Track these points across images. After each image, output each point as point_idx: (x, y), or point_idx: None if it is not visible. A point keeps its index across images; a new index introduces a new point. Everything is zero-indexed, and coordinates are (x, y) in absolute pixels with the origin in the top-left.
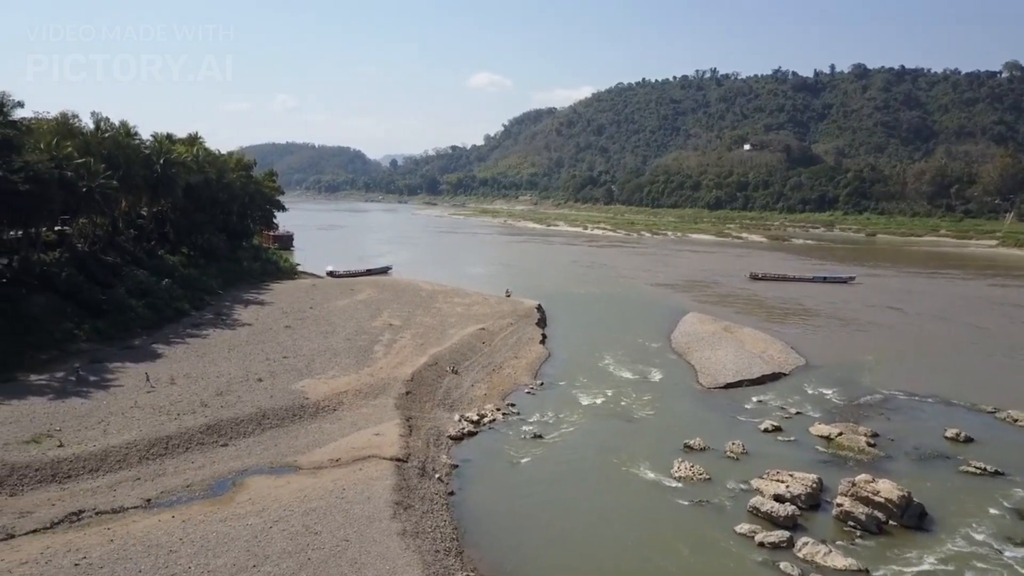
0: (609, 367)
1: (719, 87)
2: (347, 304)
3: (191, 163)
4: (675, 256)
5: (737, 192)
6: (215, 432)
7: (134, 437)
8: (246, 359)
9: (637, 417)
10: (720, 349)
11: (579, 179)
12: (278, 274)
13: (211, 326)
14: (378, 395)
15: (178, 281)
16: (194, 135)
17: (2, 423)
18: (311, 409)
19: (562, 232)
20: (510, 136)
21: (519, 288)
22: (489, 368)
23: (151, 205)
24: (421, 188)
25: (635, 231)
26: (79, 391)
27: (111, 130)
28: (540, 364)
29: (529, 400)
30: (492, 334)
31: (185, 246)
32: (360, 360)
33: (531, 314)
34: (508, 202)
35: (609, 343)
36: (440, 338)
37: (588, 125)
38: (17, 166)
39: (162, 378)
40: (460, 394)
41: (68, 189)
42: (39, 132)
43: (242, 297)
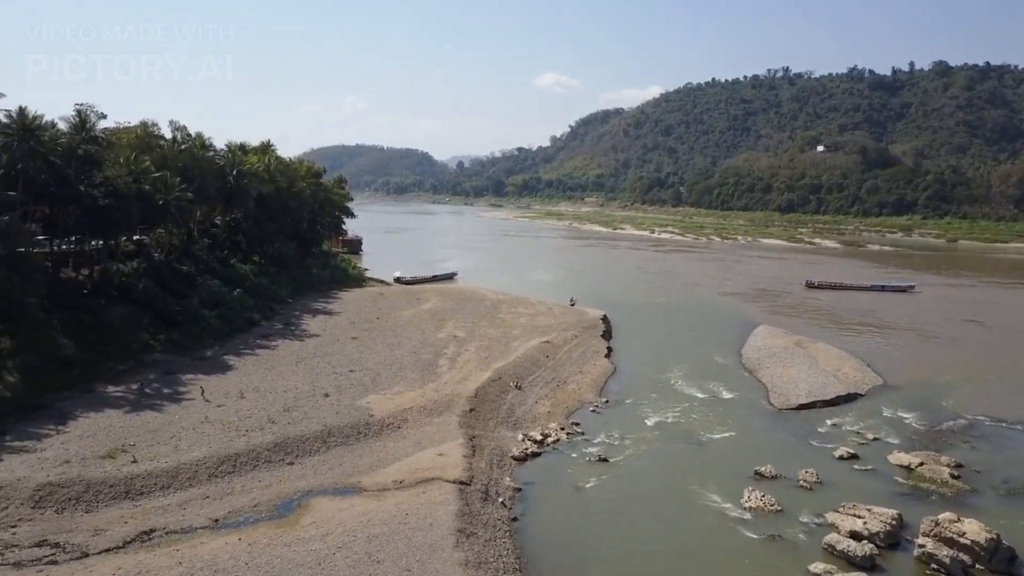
0: (677, 384)
1: (791, 86)
2: (413, 314)
3: (262, 173)
4: (745, 262)
5: (810, 195)
6: (282, 450)
7: (204, 454)
8: (313, 372)
9: (706, 439)
10: (792, 366)
11: (646, 180)
12: (346, 281)
13: (280, 336)
14: (442, 412)
15: (249, 290)
16: (266, 143)
17: (81, 437)
18: (376, 427)
19: (628, 236)
20: (576, 137)
21: (584, 296)
22: (553, 384)
23: (224, 215)
24: (487, 190)
25: (704, 235)
26: (153, 404)
27: (187, 141)
28: (605, 380)
29: (594, 419)
30: (556, 347)
31: (256, 254)
32: (425, 374)
33: (596, 325)
34: (574, 204)
35: (677, 357)
36: (504, 351)
37: (656, 126)
38: (98, 181)
39: (231, 392)
40: (524, 411)
41: (145, 202)
42: (119, 147)
43: (311, 306)
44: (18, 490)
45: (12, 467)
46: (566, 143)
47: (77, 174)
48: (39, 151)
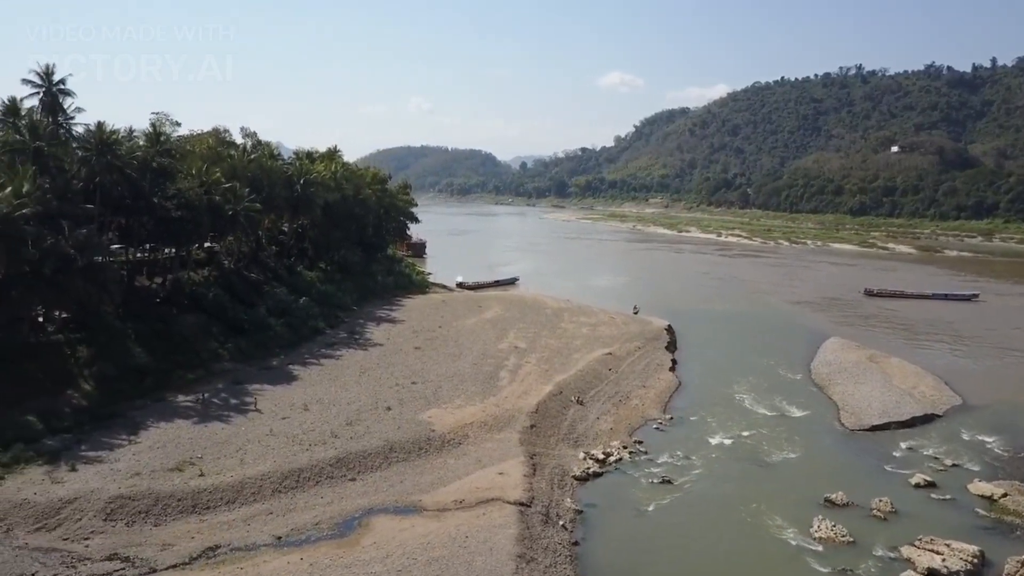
0: (744, 400)
1: (864, 84)
2: (475, 323)
3: (329, 181)
4: (814, 268)
5: (883, 197)
6: (344, 465)
7: (268, 468)
8: (376, 384)
9: (774, 462)
10: (865, 383)
11: (713, 181)
12: (410, 288)
13: (344, 346)
14: (503, 428)
15: (315, 298)
16: (333, 149)
17: (151, 448)
18: (437, 442)
19: (693, 239)
20: (641, 137)
21: (647, 304)
22: (616, 399)
23: (291, 222)
24: (550, 190)
25: (771, 239)
26: (220, 415)
27: (257, 149)
28: (670, 395)
29: (657, 437)
30: (619, 359)
31: (323, 261)
32: (486, 387)
33: (660, 336)
34: (638, 205)
35: (743, 370)
36: (565, 363)
37: (723, 125)
38: (171, 193)
39: (296, 404)
40: (585, 428)
41: (216, 213)
42: (191, 158)
43: (375, 314)
44: (91, 502)
45: (87, 478)
46: (630, 143)
47: (151, 186)
48: (116, 164)
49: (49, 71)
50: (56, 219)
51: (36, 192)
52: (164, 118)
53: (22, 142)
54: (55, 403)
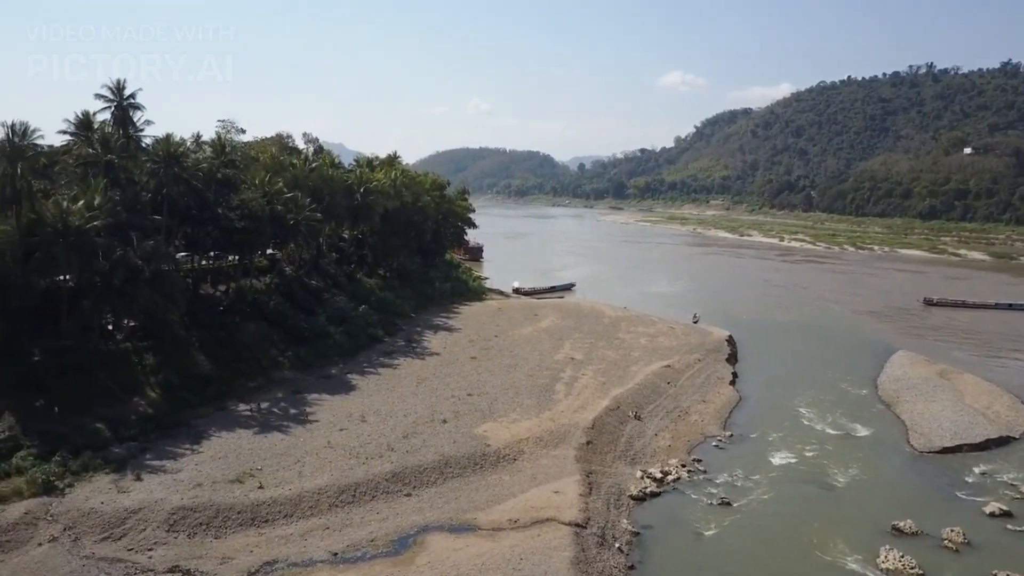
0: (807, 417)
1: (936, 83)
2: (531, 332)
3: (388, 189)
4: (881, 275)
5: (955, 201)
6: (399, 480)
7: (325, 482)
8: (432, 395)
9: (838, 484)
10: (935, 401)
11: (775, 184)
12: (467, 294)
13: (402, 354)
14: (558, 444)
15: (374, 305)
16: (392, 156)
17: (213, 458)
18: (492, 458)
19: (755, 243)
20: (702, 138)
21: (707, 313)
22: (674, 414)
23: (352, 230)
24: (608, 192)
25: (836, 244)
26: (280, 426)
27: (318, 158)
28: (730, 410)
29: (716, 455)
30: (678, 372)
31: (382, 268)
32: (541, 401)
33: (720, 347)
34: (698, 207)
35: (807, 385)
36: (623, 376)
37: (787, 126)
38: (235, 204)
39: (353, 414)
40: (643, 444)
41: (278, 222)
42: (254, 168)
43: (432, 321)
44: (155, 512)
45: (151, 487)
46: (691, 144)
47: (216, 197)
48: (182, 176)
49: (120, 86)
50: (125, 230)
51: (107, 204)
52: (229, 125)
53: (95, 155)
54: (123, 410)
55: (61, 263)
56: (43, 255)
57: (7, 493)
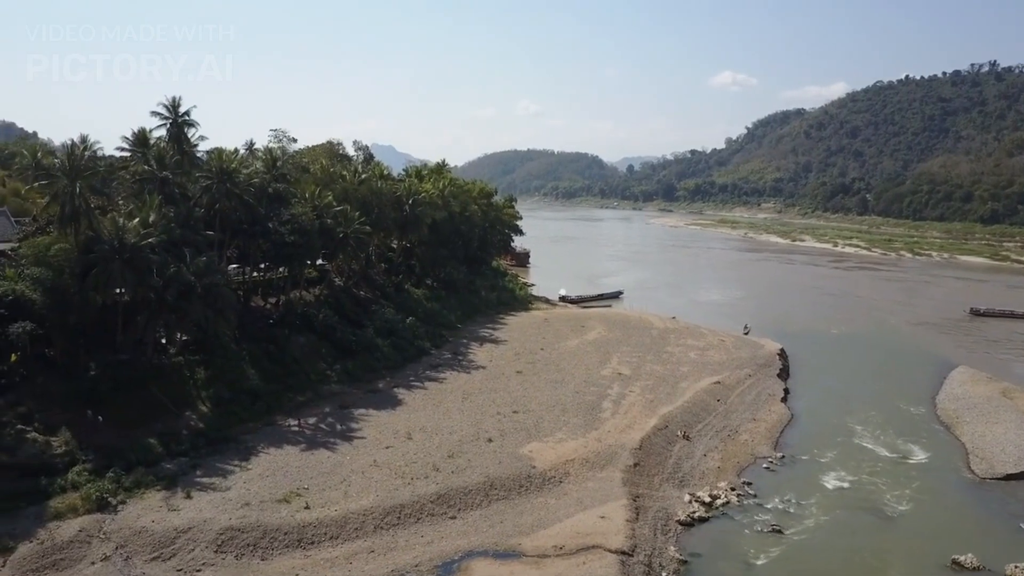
0: (861, 437)
1: (999, 82)
2: (577, 345)
3: (436, 199)
4: (939, 284)
5: (1019, 205)
6: (445, 502)
7: (371, 503)
8: (478, 411)
9: (894, 513)
10: (998, 423)
11: (829, 186)
12: (513, 303)
13: (448, 368)
14: (604, 466)
15: (421, 317)
16: (441, 164)
17: (261, 476)
18: (537, 480)
19: (808, 249)
20: (753, 139)
21: (758, 323)
22: (724, 433)
23: (400, 240)
24: (657, 194)
25: (892, 250)
26: (327, 442)
27: (368, 168)
28: (781, 429)
29: (767, 478)
30: (728, 389)
31: (429, 277)
32: (588, 420)
33: (772, 362)
34: (749, 210)
35: (861, 402)
36: (671, 393)
37: (841, 127)
38: (285, 218)
39: (400, 432)
40: (691, 466)
41: (327, 235)
42: (305, 182)
43: (478, 333)
44: (204, 532)
45: (200, 506)
46: (742, 145)
47: (267, 211)
48: (234, 192)
49: (176, 103)
50: (179, 246)
51: (161, 221)
52: (281, 135)
53: (150, 172)
54: (175, 424)
55: (117, 279)
56: (100, 272)
57: (63, 510)
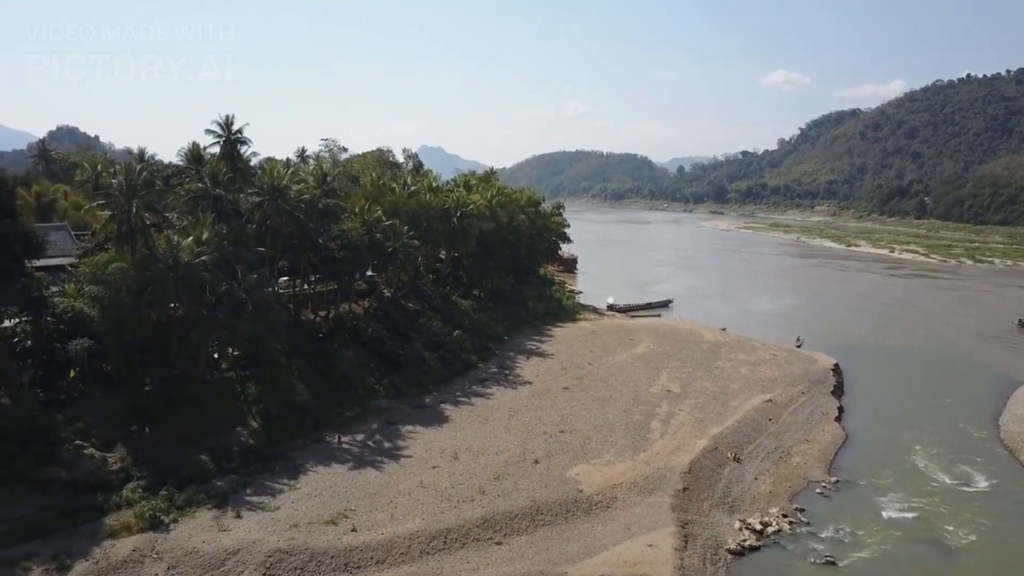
0: (920, 462)
1: None
2: (625, 360)
3: (484, 210)
4: (1001, 293)
5: None
6: (490, 527)
7: (417, 526)
8: (524, 430)
9: (955, 545)
10: None
11: (885, 189)
12: (560, 314)
13: (495, 382)
14: (653, 490)
15: (468, 329)
16: (490, 172)
17: (309, 495)
18: (584, 504)
19: (862, 254)
20: (807, 140)
21: (811, 335)
22: (776, 455)
23: (448, 252)
24: (707, 196)
25: (952, 257)
26: (374, 461)
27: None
28: (835, 451)
29: (821, 504)
30: (780, 407)
31: (476, 288)
32: (636, 440)
33: (826, 378)
34: (802, 212)
35: (920, 423)
36: (722, 412)
37: (899, 127)
38: (335, 234)
39: (447, 450)
40: (742, 490)
41: (376, 250)
42: (354, 197)
43: (525, 345)
44: (253, 554)
45: (249, 527)
46: (795, 146)
47: (317, 227)
48: (285, 208)
49: (229, 121)
50: (231, 263)
51: (214, 239)
52: (332, 144)
53: (204, 189)
54: (226, 440)
55: (171, 297)
56: (155, 289)
57: (117, 528)
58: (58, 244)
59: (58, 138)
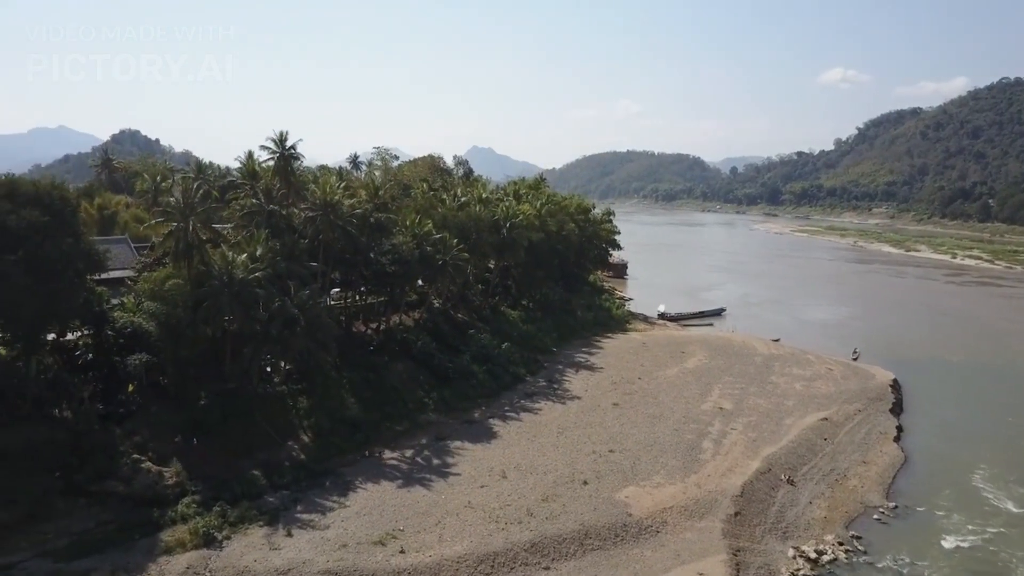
0: (983, 486)
1: None
2: (676, 375)
3: (533, 220)
4: None
5: None
6: (538, 551)
7: (465, 549)
8: (573, 449)
9: None
10: None
11: (947, 191)
12: (609, 324)
13: (543, 397)
14: (704, 515)
15: (516, 341)
16: (539, 179)
17: (359, 514)
18: (633, 529)
19: (922, 260)
20: (865, 140)
21: (868, 347)
22: (831, 478)
23: (497, 262)
24: (761, 198)
25: (1018, 263)
26: (423, 479)
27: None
28: (894, 473)
29: (878, 531)
30: (836, 426)
31: (525, 298)
32: (687, 462)
33: (884, 395)
34: (859, 215)
35: (983, 444)
36: (775, 431)
37: (961, 127)
38: (386, 248)
39: (495, 468)
40: (795, 515)
41: (426, 263)
42: (405, 211)
43: (574, 358)
44: (303, 575)
45: (300, 546)
46: (852, 147)
47: (369, 241)
48: (338, 223)
49: (283, 138)
50: (284, 279)
51: (268, 255)
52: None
53: (258, 205)
54: (278, 454)
55: (225, 312)
56: (210, 305)
57: (172, 544)
58: (118, 257)
59: (120, 141)
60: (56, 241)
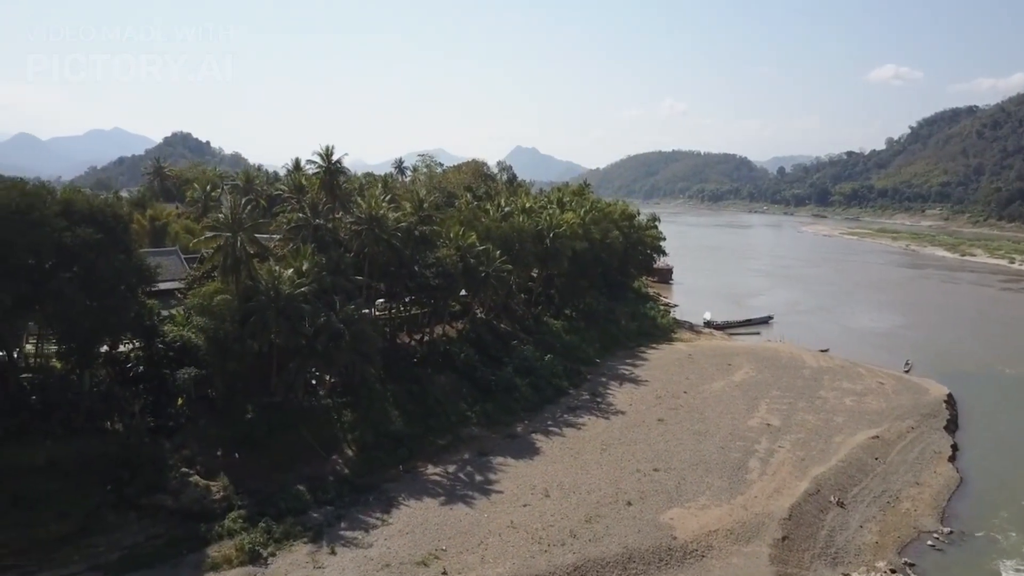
0: None
1: None
2: (722, 388)
3: (577, 229)
4: None
5: None
6: (581, 575)
7: (508, 571)
8: (617, 467)
9: None
10: None
11: (1005, 192)
12: (654, 333)
13: (586, 411)
14: (751, 539)
15: (559, 352)
16: (583, 185)
17: (401, 532)
18: (678, 553)
19: (977, 265)
20: (918, 139)
21: (920, 358)
22: (883, 500)
23: (540, 272)
24: (809, 199)
25: None
26: (465, 496)
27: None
28: (948, 496)
29: (933, 559)
30: (887, 444)
31: (568, 307)
32: (733, 482)
33: (938, 411)
34: (912, 217)
35: None
36: (824, 449)
37: (1020, 125)
38: (430, 261)
39: (537, 486)
40: (845, 539)
41: (469, 275)
42: (449, 222)
43: (617, 370)
44: None
45: (343, 564)
46: (904, 146)
47: (413, 254)
48: (382, 236)
49: (329, 152)
50: (329, 293)
51: (314, 269)
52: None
53: (305, 220)
54: (322, 468)
55: (272, 327)
56: (257, 320)
57: (218, 560)
58: (169, 269)
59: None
60: (109, 258)
